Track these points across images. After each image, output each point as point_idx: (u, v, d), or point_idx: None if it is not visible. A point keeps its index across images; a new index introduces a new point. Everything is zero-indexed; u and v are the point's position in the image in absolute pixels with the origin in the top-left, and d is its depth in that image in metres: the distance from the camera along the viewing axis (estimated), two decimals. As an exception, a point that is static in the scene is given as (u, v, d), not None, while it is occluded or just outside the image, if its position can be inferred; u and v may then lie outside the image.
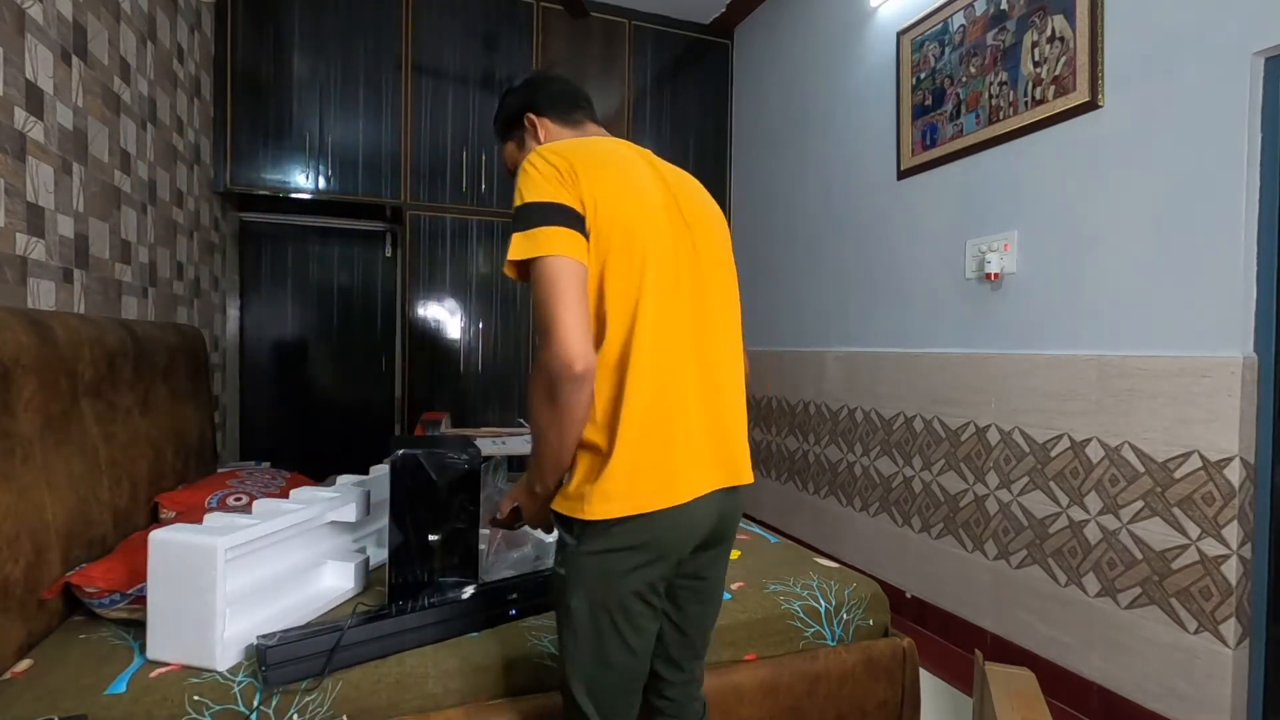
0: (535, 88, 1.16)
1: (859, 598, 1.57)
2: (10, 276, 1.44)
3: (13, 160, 1.44)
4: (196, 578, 1.14)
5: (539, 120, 1.13)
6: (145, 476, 1.74)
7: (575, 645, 0.96)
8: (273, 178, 3.02)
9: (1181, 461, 1.69)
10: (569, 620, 0.96)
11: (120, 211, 1.98)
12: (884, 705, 1.52)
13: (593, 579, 0.93)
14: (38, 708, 1.03)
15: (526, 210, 0.90)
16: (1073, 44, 1.95)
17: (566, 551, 0.94)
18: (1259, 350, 1.60)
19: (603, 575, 0.92)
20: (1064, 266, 2.00)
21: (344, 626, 1.18)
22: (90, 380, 1.53)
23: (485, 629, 1.33)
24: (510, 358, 3.44)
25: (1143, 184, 1.80)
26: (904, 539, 2.60)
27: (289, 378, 3.45)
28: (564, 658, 0.98)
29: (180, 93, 2.50)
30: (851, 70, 2.94)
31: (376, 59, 3.16)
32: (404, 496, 1.31)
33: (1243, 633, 1.60)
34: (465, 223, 3.34)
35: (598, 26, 3.58)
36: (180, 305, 2.52)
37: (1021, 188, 2.14)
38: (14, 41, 1.45)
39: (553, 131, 1.13)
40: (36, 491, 1.27)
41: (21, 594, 1.21)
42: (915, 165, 2.55)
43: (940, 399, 2.41)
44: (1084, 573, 1.91)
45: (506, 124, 1.18)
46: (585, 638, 0.94)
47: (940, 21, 2.43)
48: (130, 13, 2.03)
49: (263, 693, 1.11)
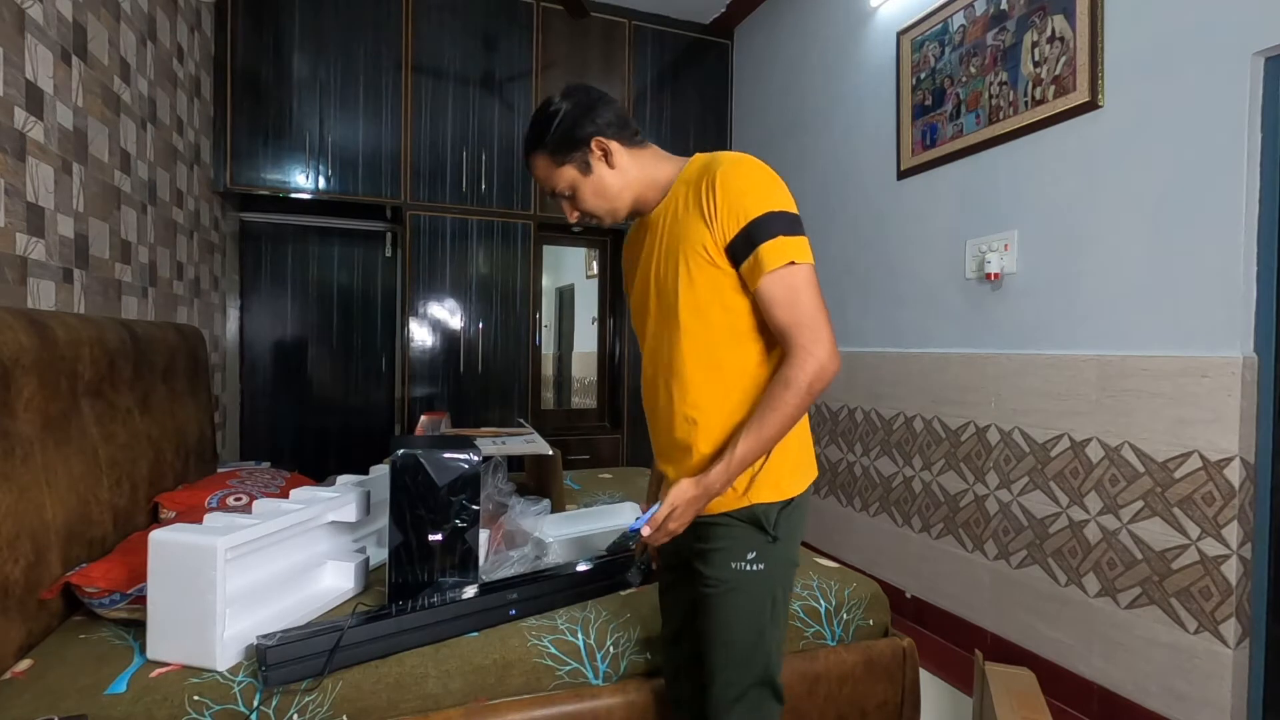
0: (596, 109, 1.06)
1: (859, 598, 1.57)
2: (10, 276, 1.44)
3: (13, 160, 1.44)
4: (196, 578, 1.14)
5: (609, 144, 1.06)
6: (145, 476, 1.74)
7: (775, 636, 1.04)
8: (273, 178, 3.02)
9: (1181, 461, 1.69)
10: (774, 611, 1.03)
11: (120, 211, 1.98)
12: (884, 705, 1.52)
13: (783, 565, 1.04)
14: (38, 708, 1.03)
15: (792, 218, 0.97)
16: (1073, 44, 1.95)
17: (760, 545, 1.01)
18: (1259, 350, 1.60)
19: (790, 564, 1.06)
20: (1064, 266, 2.00)
21: (344, 626, 1.18)
22: (90, 380, 1.53)
23: (485, 629, 1.33)
24: (510, 358, 3.44)
25: (1143, 184, 1.80)
26: (904, 539, 2.60)
27: (289, 378, 3.45)
28: (763, 655, 1.03)
29: (180, 93, 2.50)
30: (851, 70, 2.94)
31: (376, 59, 3.16)
32: (404, 496, 1.31)
33: (1243, 633, 1.60)
34: (465, 223, 3.34)
35: (598, 26, 3.58)
36: (180, 305, 2.52)
37: (1021, 188, 2.14)
38: (14, 41, 1.45)
39: (623, 155, 1.07)
40: (36, 491, 1.27)
41: (21, 594, 1.21)
42: (915, 165, 2.55)
43: (940, 399, 2.41)
44: (1084, 573, 1.91)
45: (567, 146, 1.06)
46: (781, 619, 1.05)
47: (940, 21, 2.43)
48: (130, 13, 2.03)
49: (263, 693, 1.11)
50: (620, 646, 1.35)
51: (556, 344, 4.21)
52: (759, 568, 1.01)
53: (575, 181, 1.07)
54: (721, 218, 0.97)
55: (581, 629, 1.35)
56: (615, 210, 1.09)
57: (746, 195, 0.96)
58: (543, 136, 1.07)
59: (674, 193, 1.05)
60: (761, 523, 1.02)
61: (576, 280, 4.15)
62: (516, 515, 1.70)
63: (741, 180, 0.97)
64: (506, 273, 3.43)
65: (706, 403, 1.02)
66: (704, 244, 0.99)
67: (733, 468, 0.97)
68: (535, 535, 1.64)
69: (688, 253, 1.00)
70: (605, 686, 1.32)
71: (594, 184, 1.07)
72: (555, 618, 1.38)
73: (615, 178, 1.07)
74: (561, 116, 1.06)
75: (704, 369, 1.02)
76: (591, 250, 4.01)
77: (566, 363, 4.21)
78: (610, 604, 1.45)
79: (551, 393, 4.08)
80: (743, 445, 0.96)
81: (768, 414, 0.95)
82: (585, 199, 1.08)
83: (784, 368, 0.96)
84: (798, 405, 0.95)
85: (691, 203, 1.01)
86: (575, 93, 1.09)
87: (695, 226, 1.00)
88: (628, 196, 1.08)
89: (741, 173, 0.98)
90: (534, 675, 1.28)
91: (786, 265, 0.94)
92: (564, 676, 1.30)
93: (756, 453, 0.97)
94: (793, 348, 0.95)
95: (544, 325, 3.80)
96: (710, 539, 1.04)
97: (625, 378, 3.71)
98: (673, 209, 1.05)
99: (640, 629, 1.38)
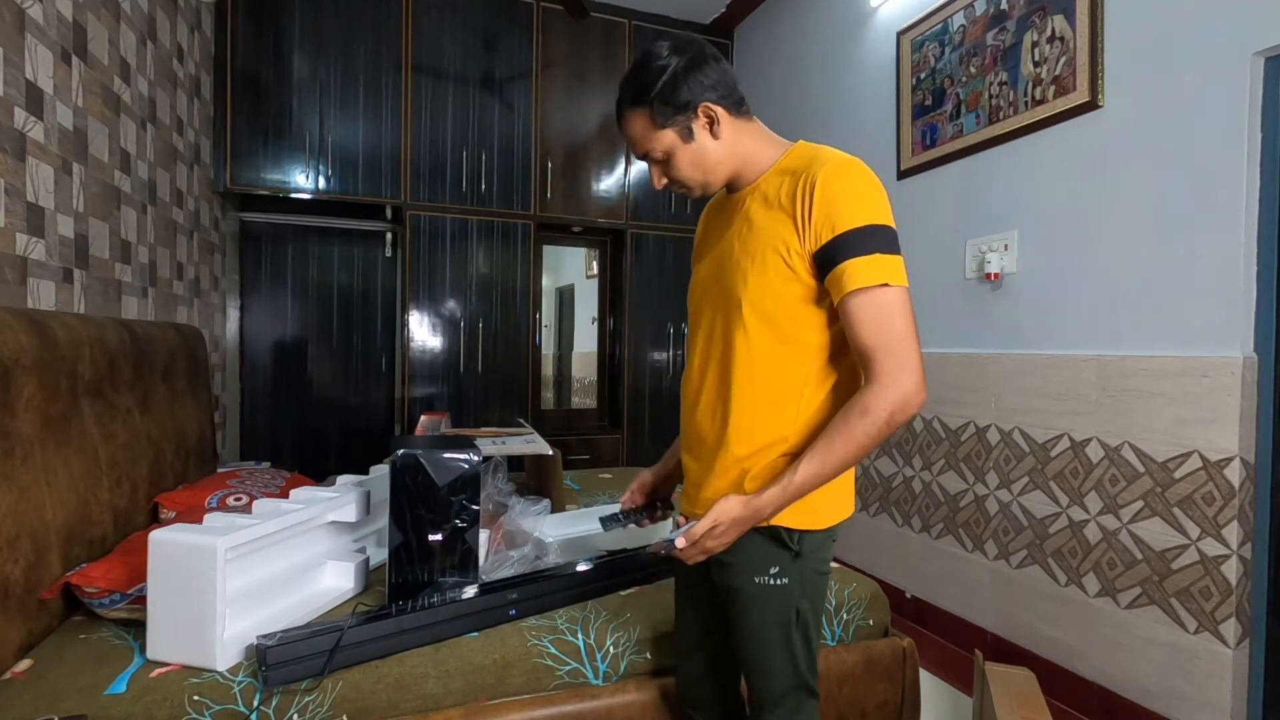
0: (707, 69, 0.96)
1: (859, 598, 1.57)
2: (10, 276, 1.44)
3: (13, 160, 1.44)
4: (196, 578, 1.14)
5: (717, 112, 0.96)
6: (145, 476, 1.74)
7: (804, 644, 1.00)
8: (273, 178, 3.02)
9: (1181, 461, 1.69)
10: (800, 623, 0.99)
11: (120, 211, 1.98)
12: (884, 705, 1.52)
13: (813, 580, 0.99)
14: (38, 708, 1.03)
15: (892, 235, 0.89)
16: (1073, 44, 1.95)
17: (783, 561, 0.97)
18: (1259, 350, 1.60)
19: (819, 574, 1.00)
20: (1064, 266, 2.00)
21: (344, 626, 1.18)
22: (90, 380, 1.53)
23: (485, 629, 1.33)
24: (510, 358, 3.44)
25: (1143, 184, 1.80)
26: (904, 539, 2.60)
27: (289, 378, 3.45)
28: (793, 664, 1.00)
29: (180, 93, 2.50)
30: (851, 70, 2.94)
31: (376, 59, 3.16)
32: (404, 496, 1.31)
33: (1243, 633, 1.60)
34: (465, 223, 3.34)
35: (598, 26, 3.58)
36: (180, 305, 2.52)
37: (1021, 188, 2.14)
38: (14, 41, 1.45)
39: (729, 125, 0.98)
40: (36, 491, 1.27)
41: (21, 594, 1.21)
42: (915, 165, 2.55)
43: (940, 399, 2.41)
44: (1084, 573, 1.91)
45: (672, 108, 0.96)
46: (813, 633, 1.01)
47: (940, 21, 2.43)
48: (130, 13, 2.03)
49: (263, 693, 1.11)
50: (620, 646, 1.35)
51: (556, 344, 4.20)
52: (782, 582, 0.97)
53: (673, 147, 0.98)
54: (816, 222, 0.89)
55: (581, 629, 1.35)
56: (709, 183, 1.02)
57: (847, 203, 0.88)
58: (644, 93, 0.96)
59: (769, 178, 0.97)
60: (784, 539, 0.96)
61: (576, 280, 4.15)
62: (516, 515, 1.70)
63: (844, 185, 0.89)
64: (506, 273, 3.43)
65: (749, 402, 0.96)
66: (787, 245, 0.91)
67: (789, 493, 0.90)
68: (535, 535, 1.64)
69: (766, 248, 0.93)
70: (605, 686, 1.32)
71: (694, 153, 0.98)
72: (555, 618, 1.38)
73: (718, 149, 0.98)
74: (670, 73, 0.94)
75: (755, 369, 0.95)
76: (591, 250, 4.00)
77: (566, 363, 4.21)
78: (610, 604, 1.45)
79: (551, 393, 4.08)
80: (804, 470, 0.89)
81: (837, 441, 0.88)
82: (680, 167, 1.00)
83: (863, 394, 0.87)
84: (873, 437, 0.86)
85: (785, 196, 0.93)
86: (687, 47, 0.96)
87: (782, 223, 0.92)
88: (724, 171, 1.00)
89: (846, 176, 0.89)
90: (534, 675, 1.28)
91: (880, 286, 0.86)
92: (564, 676, 1.30)
93: (819, 481, 0.90)
94: (875, 374, 0.87)
95: (544, 325, 3.79)
96: (732, 550, 0.97)
97: (625, 378, 3.71)
98: (762, 195, 0.97)
99: (640, 629, 1.38)
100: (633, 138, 1.01)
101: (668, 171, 1.02)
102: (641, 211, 3.69)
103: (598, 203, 3.61)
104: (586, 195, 3.58)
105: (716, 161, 1.00)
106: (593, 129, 3.59)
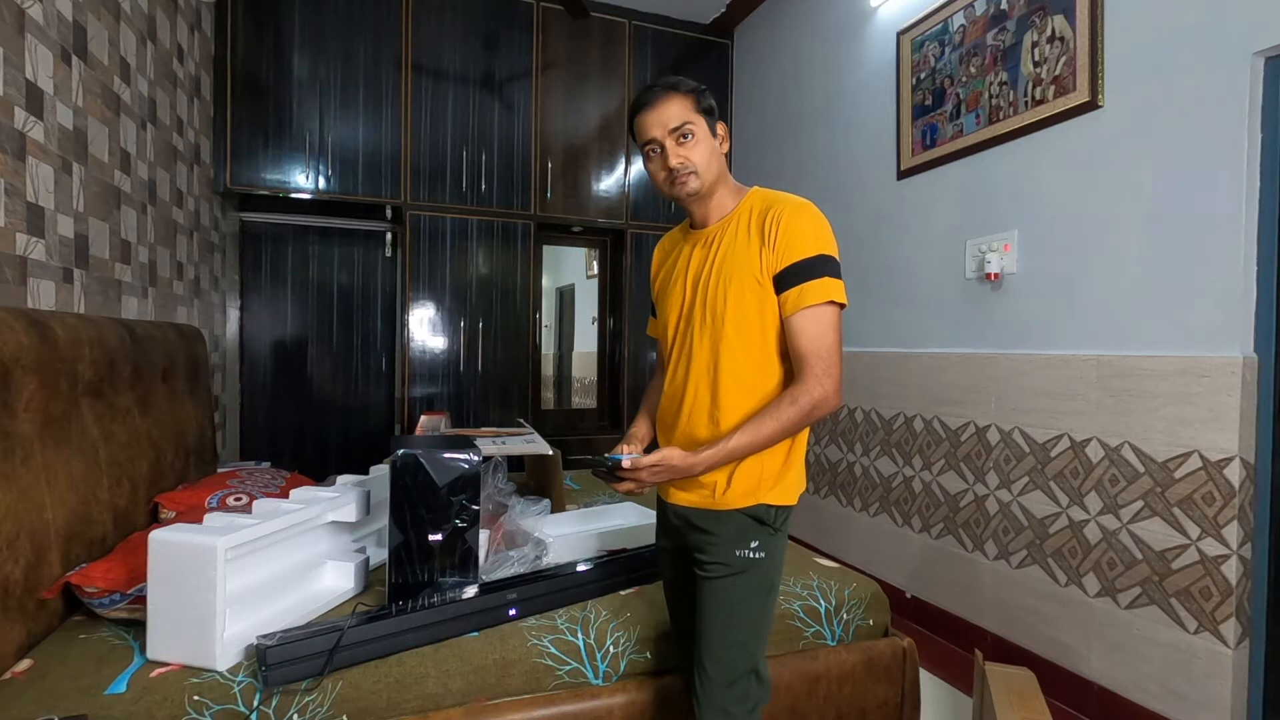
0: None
1: (859, 598, 1.57)
2: (10, 276, 1.44)
3: (13, 160, 1.44)
4: (196, 578, 1.14)
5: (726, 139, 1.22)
6: (145, 476, 1.74)
7: (766, 615, 1.15)
8: (273, 178, 3.02)
9: (1181, 461, 1.69)
10: (771, 594, 1.15)
11: (120, 211, 1.98)
12: (884, 705, 1.52)
13: (781, 552, 1.16)
14: (38, 708, 1.03)
15: (837, 265, 1.10)
16: (1073, 44, 1.95)
17: (763, 536, 1.12)
18: (1259, 350, 1.60)
19: (784, 547, 1.18)
20: (1064, 266, 2.00)
21: (344, 626, 1.18)
22: (90, 380, 1.53)
23: (485, 629, 1.33)
24: (510, 358, 3.44)
25: (1143, 184, 1.80)
26: (904, 539, 2.60)
27: (289, 378, 3.45)
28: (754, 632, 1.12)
29: (180, 93, 2.50)
30: (851, 70, 2.94)
31: (376, 59, 3.16)
32: (404, 496, 1.31)
33: (1243, 633, 1.60)
34: (465, 223, 3.34)
35: (598, 26, 3.58)
36: (180, 305, 2.52)
37: (1021, 188, 2.14)
38: (14, 41, 1.44)
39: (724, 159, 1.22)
40: (36, 491, 1.27)
41: (21, 594, 1.21)
42: (915, 165, 2.55)
43: (940, 399, 2.41)
44: (1084, 573, 1.91)
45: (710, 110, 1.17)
46: (774, 604, 1.17)
47: (940, 21, 2.43)
48: (130, 13, 2.03)
49: (263, 693, 1.11)
50: (620, 646, 1.35)
51: (556, 344, 4.20)
52: (760, 555, 1.12)
53: (701, 134, 1.14)
54: (780, 248, 1.09)
55: (581, 629, 1.35)
56: (704, 181, 1.15)
57: (806, 235, 1.08)
58: (695, 88, 1.16)
59: (737, 217, 1.16)
60: (763, 518, 1.12)
61: (576, 280, 4.15)
62: (516, 515, 1.70)
63: (803, 222, 1.09)
64: (506, 273, 3.43)
65: (732, 407, 1.12)
66: (759, 267, 1.10)
67: (720, 456, 1.06)
68: (535, 535, 1.64)
69: (743, 274, 1.11)
70: (605, 686, 1.32)
71: (711, 148, 1.16)
72: (555, 618, 1.38)
73: (721, 160, 1.18)
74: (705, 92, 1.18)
75: (737, 378, 1.12)
76: (591, 250, 4.00)
77: (566, 363, 4.21)
78: (610, 604, 1.45)
79: (551, 393, 4.08)
80: (737, 439, 1.06)
81: (768, 421, 1.06)
82: (700, 151, 1.14)
83: (794, 388, 1.07)
84: (795, 423, 1.06)
85: (754, 231, 1.12)
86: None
87: (754, 252, 1.11)
88: (712, 180, 1.16)
89: (805, 215, 1.10)
90: (534, 675, 1.28)
91: (825, 303, 1.07)
92: (564, 676, 1.30)
93: (748, 451, 1.07)
94: (806, 374, 1.07)
95: (544, 325, 3.79)
96: (717, 530, 1.13)
97: (625, 378, 3.71)
98: (733, 230, 1.15)
99: (640, 629, 1.38)
100: (668, 115, 1.14)
101: (686, 149, 1.14)
102: (641, 211, 3.69)
103: (598, 202, 3.61)
104: (586, 195, 3.58)
105: (718, 167, 1.17)
106: (593, 129, 3.59)
